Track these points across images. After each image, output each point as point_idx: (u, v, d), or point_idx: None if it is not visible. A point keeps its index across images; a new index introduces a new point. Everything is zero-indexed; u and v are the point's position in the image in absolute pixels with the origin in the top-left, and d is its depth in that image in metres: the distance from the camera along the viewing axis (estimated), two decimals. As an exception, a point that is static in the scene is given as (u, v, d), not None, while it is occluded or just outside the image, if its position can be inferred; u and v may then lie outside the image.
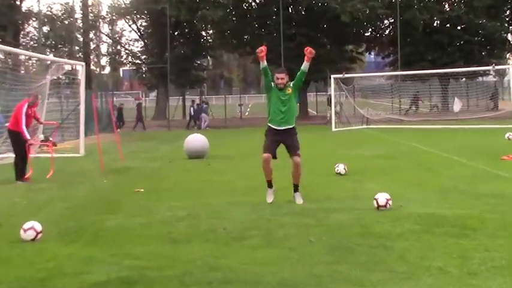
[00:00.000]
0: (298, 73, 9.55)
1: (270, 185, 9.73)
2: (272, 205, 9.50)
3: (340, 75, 34.36)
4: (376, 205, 8.69)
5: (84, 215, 9.20)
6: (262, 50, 9.27)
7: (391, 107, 41.46)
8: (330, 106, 35.43)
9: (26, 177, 13.50)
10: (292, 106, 9.58)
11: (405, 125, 32.67)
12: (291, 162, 9.61)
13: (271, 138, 9.55)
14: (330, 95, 36.75)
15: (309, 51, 9.40)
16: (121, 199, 10.72)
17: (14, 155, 13.77)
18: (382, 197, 8.71)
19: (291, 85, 9.57)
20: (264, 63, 9.38)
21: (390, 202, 8.68)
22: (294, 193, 9.64)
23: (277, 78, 9.48)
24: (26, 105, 13.50)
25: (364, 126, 33.57)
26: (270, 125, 9.64)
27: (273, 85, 9.51)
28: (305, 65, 9.51)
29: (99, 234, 7.86)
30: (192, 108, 40.84)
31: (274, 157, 9.54)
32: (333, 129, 31.52)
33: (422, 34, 43.29)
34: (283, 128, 9.49)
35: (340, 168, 13.18)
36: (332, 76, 34.08)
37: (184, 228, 8.07)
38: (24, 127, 13.23)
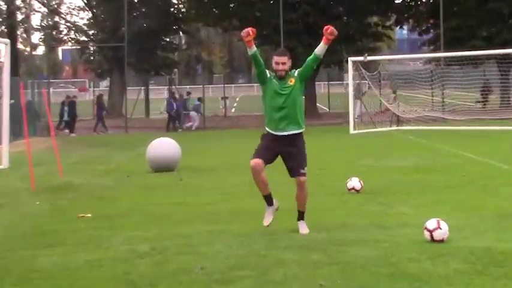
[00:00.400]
0: (309, 59, 9.54)
1: (269, 201, 9.71)
2: (268, 236, 9.50)
3: (361, 58, 34.40)
4: (429, 237, 8.68)
5: (8, 250, 9.16)
6: (249, 33, 9.21)
7: (431, 101, 41.51)
8: (358, 100, 35.60)
9: None
10: (296, 102, 9.53)
11: (450, 125, 32.74)
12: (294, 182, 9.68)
13: (268, 143, 9.58)
14: (357, 83, 36.80)
15: (329, 31, 9.32)
16: (60, 228, 10.68)
17: None
18: (439, 233, 8.65)
19: (295, 74, 9.53)
20: (252, 49, 9.36)
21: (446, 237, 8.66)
22: (298, 221, 9.70)
23: (277, 64, 9.42)
24: None
25: (394, 128, 33.67)
26: (267, 129, 9.67)
27: (268, 75, 9.50)
28: (321, 49, 9.49)
29: (29, 276, 7.83)
30: (172, 103, 40.78)
31: (268, 162, 9.51)
32: (351, 131, 31.57)
33: (473, 1, 43.30)
34: (285, 133, 9.47)
35: (354, 183, 13.28)
36: (350, 59, 34.14)
37: (147, 267, 8.07)
38: None
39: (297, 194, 9.61)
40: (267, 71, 9.50)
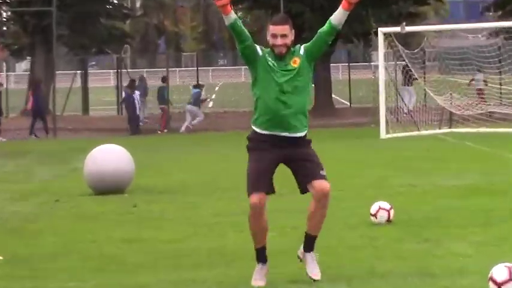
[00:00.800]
0: (322, 30, 9.38)
1: (261, 257, 9.32)
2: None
3: (398, 29, 34.50)
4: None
5: None
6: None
7: (499, 91, 41.61)
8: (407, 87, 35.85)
9: None
10: (302, 92, 9.34)
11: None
12: (310, 193, 9.27)
13: (262, 155, 9.25)
14: (404, 66, 36.86)
15: None
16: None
17: None
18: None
19: (301, 52, 9.32)
20: (230, 17, 9.20)
21: None
22: (305, 252, 9.37)
23: (274, 36, 9.14)
24: None
25: (445, 130, 33.76)
26: (256, 129, 9.39)
27: (260, 52, 9.34)
28: (340, 16, 9.36)
29: None
30: (133, 94, 41.00)
31: (271, 192, 9.23)
32: (383, 135, 31.67)
33: None
34: (284, 134, 9.20)
35: (382, 213, 13.44)
36: (380, 30, 34.27)
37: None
38: None
39: (312, 209, 9.19)
40: (257, 47, 9.27)
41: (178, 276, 10.24)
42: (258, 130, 9.26)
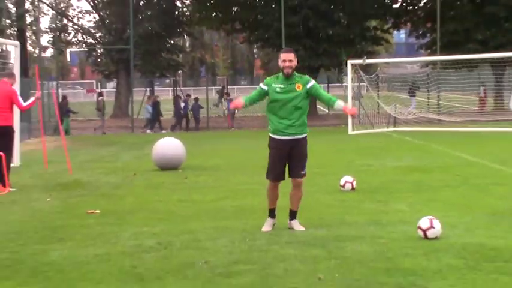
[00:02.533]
0: (325, 95, 9.91)
1: (271, 214, 9.87)
2: (269, 232, 9.57)
3: (360, 61, 34.36)
4: (423, 236, 8.66)
5: (20, 245, 9.23)
6: (236, 105, 9.78)
7: (427, 103, 41.50)
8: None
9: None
10: (301, 107, 9.54)
11: (446, 127, 32.65)
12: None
13: (277, 153, 9.61)
14: (413, 82, 36.30)
15: (352, 112, 10.35)
16: (69, 223, 10.75)
17: None
18: (432, 232, 8.57)
19: (308, 86, 9.60)
20: (244, 106, 9.80)
21: (439, 234, 8.52)
22: (291, 221, 9.85)
23: (284, 61, 9.44)
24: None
25: (391, 129, 33.61)
26: (272, 135, 9.63)
27: (265, 87, 9.61)
28: (337, 107, 9.69)
29: (40, 269, 7.90)
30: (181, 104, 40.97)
31: (283, 176, 9.66)
32: (350, 132, 31.58)
33: (470, 6, 43.16)
34: (290, 138, 9.55)
35: (348, 183, 13.56)
36: (349, 62, 34.11)
37: (153, 261, 8.14)
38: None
39: (292, 194, 9.71)
40: (263, 87, 9.66)
41: (214, 224, 10.29)
42: (272, 136, 9.59)
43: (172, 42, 57.92)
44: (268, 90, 9.51)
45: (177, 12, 54.60)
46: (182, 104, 41.03)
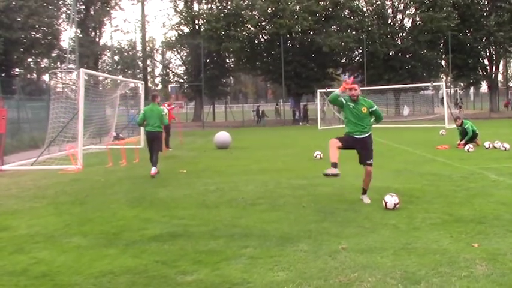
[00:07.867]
0: (377, 112, 7.42)
1: (333, 165, 7.05)
2: (275, 181, 9.49)
3: (324, 90, 34.21)
4: (384, 206, 6.84)
5: (144, 188, 9.21)
6: (346, 82, 7.30)
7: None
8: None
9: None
10: (365, 120, 7.31)
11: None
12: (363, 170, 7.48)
13: (347, 139, 7.31)
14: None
15: (348, 84, 7.27)
16: (170, 177, 10.70)
17: (98, 147, 13.89)
18: (391, 202, 6.78)
19: (371, 109, 7.32)
20: (340, 93, 7.25)
21: (398, 206, 6.79)
22: (363, 195, 7.46)
23: (350, 90, 7.23)
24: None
25: (341, 126, 33.33)
26: (347, 132, 7.44)
27: (344, 101, 7.30)
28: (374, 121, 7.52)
29: (154, 201, 7.88)
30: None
31: (341, 146, 7.17)
32: (319, 128, 31.37)
33: (381, 61, 43.04)
34: (359, 136, 7.31)
35: (318, 155, 13.47)
36: (318, 90, 34.03)
37: (214, 197, 8.07)
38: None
39: (364, 177, 7.37)
40: (343, 99, 7.28)
41: (246, 178, 10.15)
42: (348, 133, 7.37)
43: (224, 80, 57.77)
44: (345, 104, 7.29)
45: (226, 65, 54.34)
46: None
